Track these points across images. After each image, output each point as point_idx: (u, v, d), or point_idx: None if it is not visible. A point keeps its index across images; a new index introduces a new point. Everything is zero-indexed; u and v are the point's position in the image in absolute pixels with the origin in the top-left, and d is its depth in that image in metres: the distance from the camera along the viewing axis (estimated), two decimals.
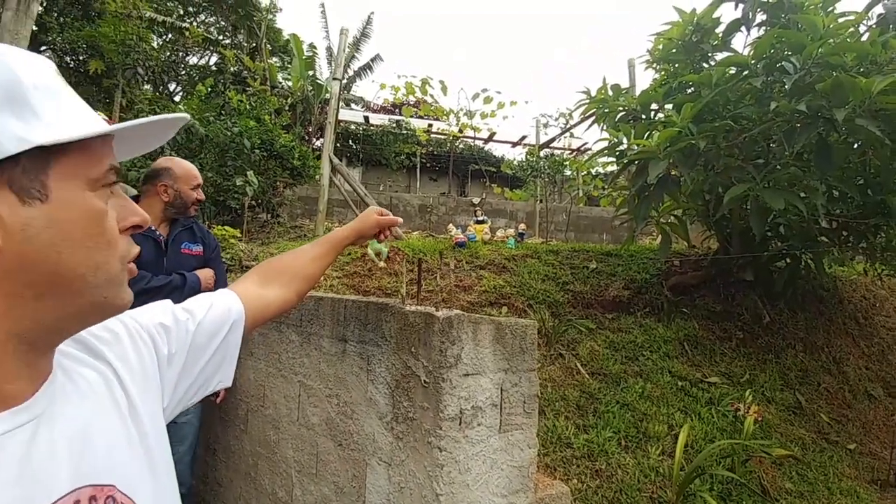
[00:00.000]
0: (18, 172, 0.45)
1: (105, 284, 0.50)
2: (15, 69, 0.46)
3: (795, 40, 2.93)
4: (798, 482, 2.80)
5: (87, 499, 0.49)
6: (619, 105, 3.98)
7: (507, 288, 3.97)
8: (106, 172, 0.50)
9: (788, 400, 3.38)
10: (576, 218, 10.29)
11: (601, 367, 3.35)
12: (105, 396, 0.57)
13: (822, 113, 2.72)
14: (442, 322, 1.42)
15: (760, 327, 3.87)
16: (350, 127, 13.67)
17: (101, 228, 0.49)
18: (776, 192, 2.86)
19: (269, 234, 5.85)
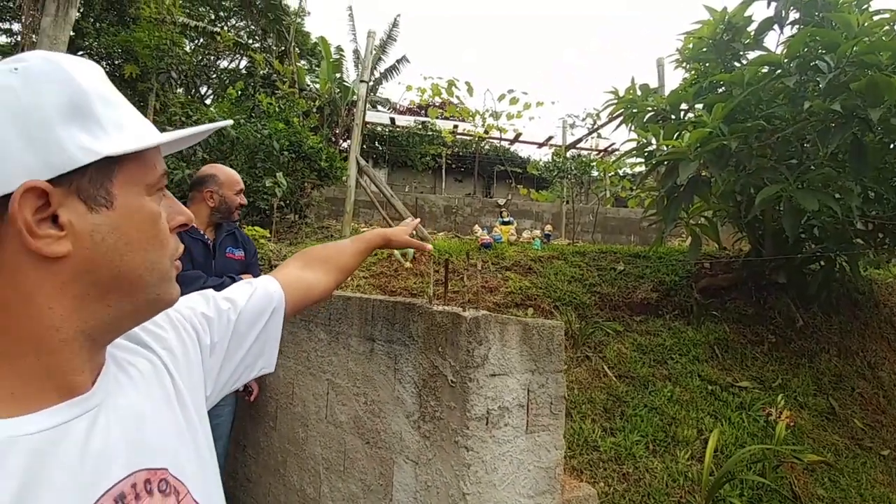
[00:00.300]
0: (86, 182, 0.47)
1: (158, 282, 0.53)
2: (78, 79, 0.48)
3: (829, 39, 2.86)
4: (830, 488, 2.73)
5: (143, 482, 0.51)
6: (648, 105, 3.93)
7: (534, 289, 3.96)
8: (160, 177, 0.54)
9: (821, 405, 3.29)
10: (603, 219, 10.17)
11: (629, 369, 3.32)
12: (154, 384, 0.60)
13: (856, 113, 2.65)
14: (469, 322, 1.43)
15: (793, 331, 3.77)
16: (376, 129, 13.79)
17: (157, 230, 0.53)
18: (810, 193, 2.79)
19: (297, 235, 5.96)
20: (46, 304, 0.47)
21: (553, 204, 10.92)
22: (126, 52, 10.46)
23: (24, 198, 0.44)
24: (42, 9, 7.53)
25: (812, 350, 3.70)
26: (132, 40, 9.87)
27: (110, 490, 0.48)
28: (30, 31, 8.89)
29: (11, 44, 12.73)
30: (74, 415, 0.48)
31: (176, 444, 0.58)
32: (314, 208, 7.07)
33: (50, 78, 0.47)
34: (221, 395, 0.76)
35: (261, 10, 11.50)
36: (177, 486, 0.55)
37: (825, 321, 3.94)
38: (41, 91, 0.46)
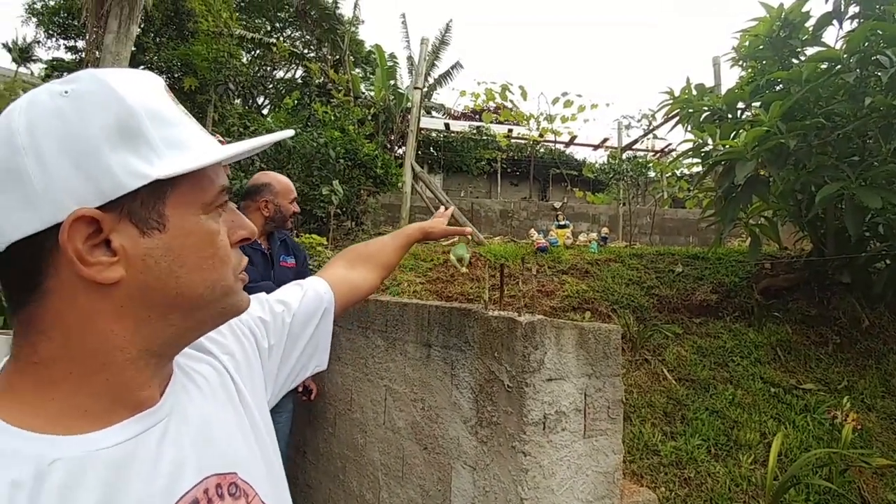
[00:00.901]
0: (137, 205, 0.47)
1: (221, 297, 0.53)
2: (127, 99, 0.46)
3: (891, 32, 2.75)
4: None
5: (214, 486, 0.53)
6: (704, 105, 3.88)
7: (591, 293, 3.99)
8: (217, 194, 0.53)
9: (890, 407, 3.15)
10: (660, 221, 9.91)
11: (689, 372, 3.30)
12: (219, 389, 0.62)
13: None
14: (525, 327, 1.48)
15: (859, 332, 3.62)
16: (431, 134, 13.90)
17: (215, 249, 0.52)
18: (872, 191, 2.69)
19: (354, 241, 6.16)
20: (108, 328, 0.47)
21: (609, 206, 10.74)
22: (185, 66, 10.76)
23: (73, 227, 0.44)
24: (105, 26, 7.97)
25: (879, 351, 3.53)
26: (191, 53, 10.19)
27: (185, 496, 0.50)
28: (93, 47, 9.26)
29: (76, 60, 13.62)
30: (146, 427, 0.50)
31: (243, 447, 0.60)
32: (370, 215, 7.17)
33: (98, 99, 0.46)
34: (280, 395, 0.79)
35: (315, 20, 11.74)
36: (246, 489, 0.56)
37: (892, 321, 3.76)
38: (89, 114, 0.45)
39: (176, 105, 0.52)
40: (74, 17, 12.20)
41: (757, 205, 3.90)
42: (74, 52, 14.05)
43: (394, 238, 1.21)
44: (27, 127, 0.44)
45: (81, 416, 0.47)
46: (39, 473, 0.42)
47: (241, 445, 0.60)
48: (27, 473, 0.42)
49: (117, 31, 7.80)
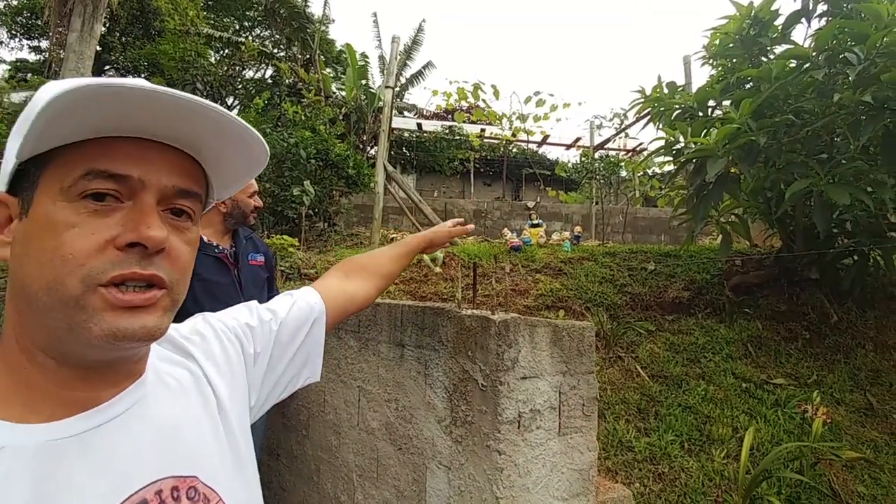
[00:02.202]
0: (24, 190, 0.47)
1: (61, 307, 0.44)
2: (36, 95, 0.45)
3: (859, 30, 2.80)
4: (871, 485, 2.68)
5: (170, 489, 0.50)
6: (675, 103, 3.91)
7: (564, 291, 3.99)
8: (77, 179, 0.45)
9: (859, 401, 3.22)
10: (633, 219, 10.06)
11: (661, 369, 3.32)
12: (193, 393, 0.59)
13: (888, 104, 2.59)
14: (498, 325, 1.46)
15: (828, 327, 3.70)
16: (403, 134, 13.87)
17: (57, 243, 0.44)
18: (841, 187, 2.74)
19: (327, 243, 6.04)
20: (12, 311, 0.47)
21: (582, 205, 10.88)
22: (152, 65, 10.59)
23: None
24: (68, 24, 7.78)
25: (847, 346, 3.62)
26: (157, 53, 10.00)
27: (132, 496, 0.48)
28: (57, 47, 9.10)
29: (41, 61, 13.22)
30: (92, 425, 0.48)
31: (212, 451, 0.57)
32: (343, 216, 7.12)
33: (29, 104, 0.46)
34: (267, 405, 0.76)
35: (285, 18, 11.64)
36: (207, 493, 0.54)
37: (860, 316, 3.85)
38: (19, 119, 0.46)
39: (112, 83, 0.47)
40: (38, 16, 11.84)
41: (728, 202, 3.96)
42: (38, 52, 13.71)
43: (394, 248, 1.17)
44: None
45: (23, 406, 0.46)
46: None
47: (212, 451, 0.57)
48: None
49: (80, 30, 7.64)
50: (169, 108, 0.45)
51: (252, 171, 0.57)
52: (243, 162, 0.55)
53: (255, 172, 0.58)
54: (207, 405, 0.60)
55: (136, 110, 0.45)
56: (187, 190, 0.50)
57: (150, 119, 0.46)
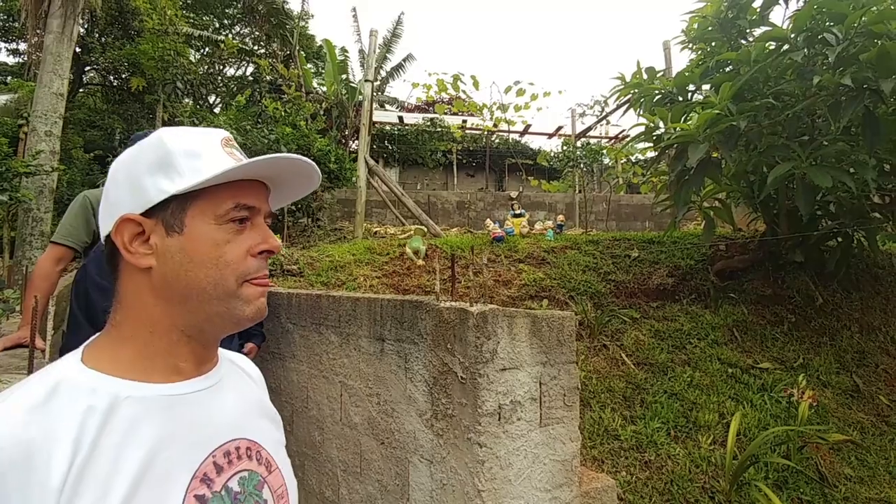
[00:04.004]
0: (168, 214, 0.63)
1: (223, 297, 0.63)
2: (167, 143, 0.64)
3: (836, 10, 2.78)
4: (858, 467, 2.69)
5: (245, 447, 0.66)
6: (655, 88, 3.88)
7: (548, 280, 3.94)
8: (230, 210, 0.64)
9: (845, 383, 3.24)
10: (616, 207, 10.08)
11: (647, 356, 3.30)
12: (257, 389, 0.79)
13: (867, 84, 2.58)
14: (476, 317, 1.43)
15: (813, 309, 3.72)
16: (385, 128, 13.71)
17: (219, 252, 0.63)
18: (823, 169, 2.73)
19: (310, 238, 5.98)
20: (150, 302, 0.63)
21: (566, 194, 10.87)
22: (132, 65, 10.60)
23: (120, 226, 0.63)
24: (45, 27, 7.65)
25: (833, 328, 3.63)
26: (137, 53, 9.93)
27: (221, 447, 0.63)
28: (35, 49, 8.97)
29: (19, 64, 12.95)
30: (197, 388, 0.65)
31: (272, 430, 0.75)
32: (326, 211, 7.09)
33: (149, 145, 0.65)
34: None
35: (263, 15, 11.54)
36: (270, 459, 0.69)
37: (845, 298, 3.87)
38: (142, 155, 0.64)
39: (225, 149, 0.67)
40: (15, 18, 11.60)
41: (710, 187, 3.94)
42: (17, 55, 13.45)
43: None
44: (115, 165, 0.67)
45: (144, 370, 0.62)
46: (113, 405, 0.57)
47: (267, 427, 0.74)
48: (103, 402, 0.57)
49: (60, 32, 7.54)
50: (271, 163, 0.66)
51: (306, 192, 0.76)
52: (303, 188, 0.74)
53: (308, 191, 0.76)
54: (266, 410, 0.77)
55: (259, 167, 0.65)
56: (272, 211, 0.71)
57: (263, 170, 0.67)
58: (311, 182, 0.73)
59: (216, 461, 0.62)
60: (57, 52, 7.47)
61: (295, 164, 0.68)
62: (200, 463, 0.60)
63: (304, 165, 0.69)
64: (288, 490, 0.71)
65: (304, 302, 2.33)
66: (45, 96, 7.43)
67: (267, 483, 0.67)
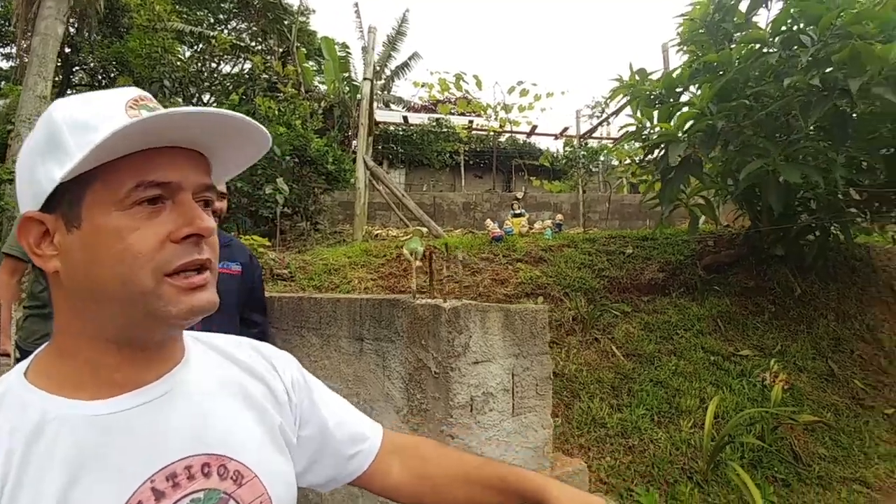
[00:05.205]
0: (66, 206, 0.53)
1: (138, 297, 0.52)
2: (55, 114, 0.53)
3: (812, 12, 2.87)
4: (832, 447, 2.83)
5: (200, 464, 0.56)
6: (646, 89, 3.98)
7: (544, 278, 4.06)
8: (131, 191, 0.51)
9: (820, 368, 3.37)
10: (619, 206, 10.13)
11: (636, 348, 3.42)
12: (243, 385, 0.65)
13: (837, 84, 2.67)
14: (448, 312, 1.53)
15: (792, 300, 3.85)
16: (388, 128, 13.59)
17: (124, 244, 0.51)
18: (793, 166, 2.85)
19: (307, 242, 5.89)
20: (67, 309, 0.55)
21: (571, 194, 10.93)
22: (121, 64, 10.15)
23: (23, 226, 0.54)
24: (32, 29, 7.57)
25: (810, 316, 3.76)
26: (124, 51, 9.62)
27: (163, 469, 0.53)
28: (25, 53, 8.72)
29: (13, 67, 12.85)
30: (137, 403, 0.55)
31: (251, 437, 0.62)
32: (326, 213, 6.92)
33: (40, 122, 0.55)
34: None
35: (259, 9, 11.13)
36: (240, 470, 0.58)
37: (822, 288, 4.00)
38: (33, 138, 0.55)
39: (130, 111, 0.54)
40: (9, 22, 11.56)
41: (697, 185, 4.06)
42: (10, 59, 13.38)
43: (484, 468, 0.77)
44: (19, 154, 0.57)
45: (76, 386, 0.53)
46: (40, 425, 0.51)
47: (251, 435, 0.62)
48: (30, 423, 0.50)
49: (45, 34, 7.36)
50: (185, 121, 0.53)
51: (253, 159, 0.64)
52: (248, 153, 0.62)
53: (256, 159, 0.64)
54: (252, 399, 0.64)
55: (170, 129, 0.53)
56: (208, 184, 0.58)
57: (179, 132, 0.54)
58: (256, 144, 0.60)
59: (155, 486, 0.53)
60: (42, 53, 7.31)
61: (224, 122, 0.55)
62: (134, 491, 0.51)
63: (239, 122, 0.55)
64: (272, 496, 0.60)
65: (285, 305, 2.29)
66: (29, 100, 7.14)
67: (234, 498, 0.57)
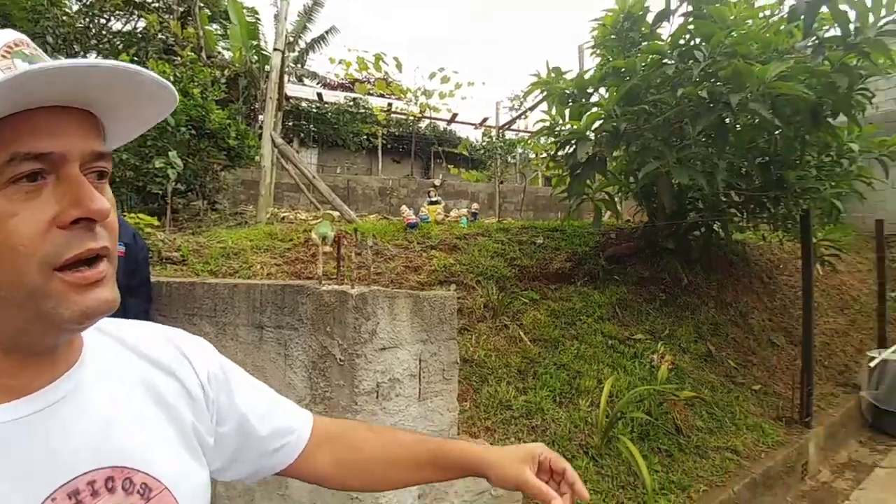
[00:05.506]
0: None
1: (26, 298, 0.44)
2: None
3: (706, 30, 3.13)
4: (708, 420, 3.17)
5: (104, 479, 0.49)
6: (560, 88, 4.13)
7: (457, 266, 4.10)
8: (4, 165, 0.42)
9: (701, 349, 3.76)
10: (534, 197, 10.49)
11: (542, 333, 3.58)
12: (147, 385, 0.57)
13: (721, 98, 2.95)
14: (356, 299, 1.52)
15: (680, 289, 4.27)
16: (301, 104, 12.87)
17: (3, 234, 0.42)
18: (683, 169, 3.12)
19: (203, 223, 5.47)
20: None
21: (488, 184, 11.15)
22: (3, 17, 8.92)
23: None
24: None
25: (694, 304, 4.19)
26: (7, 3, 8.57)
27: (64, 485, 0.47)
28: None
29: None
30: (26, 412, 0.47)
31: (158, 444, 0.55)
32: (227, 192, 6.45)
33: None
34: None
35: None
36: (147, 482, 0.52)
37: (705, 279, 4.48)
38: None
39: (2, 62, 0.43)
40: None
41: (602, 181, 4.31)
42: None
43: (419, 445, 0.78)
44: None
45: None
46: None
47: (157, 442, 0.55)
48: None
49: None
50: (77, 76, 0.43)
51: (155, 119, 0.54)
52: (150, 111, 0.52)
53: (159, 119, 0.54)
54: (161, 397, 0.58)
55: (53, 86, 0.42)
56: (102, 152, 0.48)
57: (64, 90, 0.43)
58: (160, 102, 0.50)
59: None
60: None
61: (125, 78, 0.45)
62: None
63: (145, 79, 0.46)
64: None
65: (175, 291, 2.17)
66: None
67: None
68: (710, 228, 4.19)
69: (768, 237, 5.15)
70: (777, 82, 2.79)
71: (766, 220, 4.46)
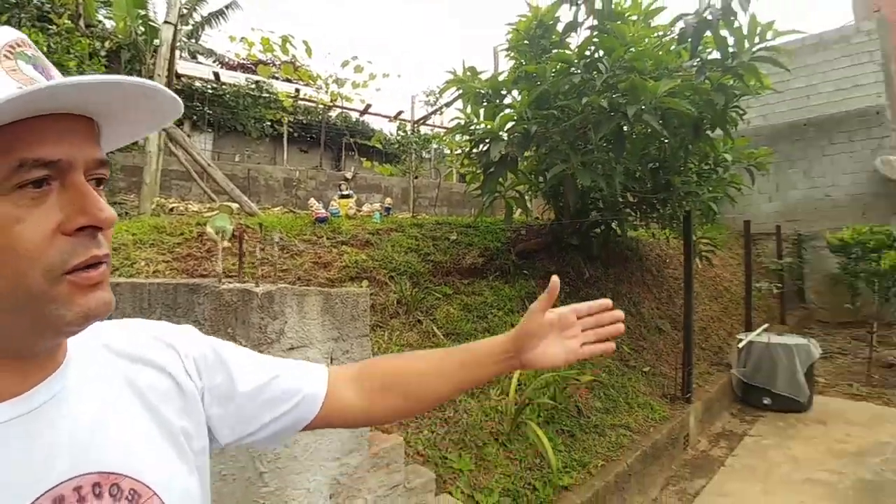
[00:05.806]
0: None
1: (30, 302, 0.44)
2: None
3: (608, 44, 3.36)
4: (605, 401, 3.43)
5: (91, 485, 0.49)
6: (475, 87, 4.21)
7: (370, 262, 4.05)
8: (12, 172, 0.42)
9: None
10: (448, 193, 10.62)
11: (455, 327, 3.65)
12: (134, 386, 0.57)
13: (619, 108, 3.19)
14: (261, 297, 1.44)
15: (582, 282, 4.56)
16: (194, 84, 11.75)
17: (8, 240, 0.43)
18: (587, 172, 3.33)
19: None
20: None
21: (402, 179, 11.10)
22: None
23: None
24: None
25: (594, 296, 4.42)
26: None
27: (49, 491, 0.46)
28: None
29: None
30: (8, 417, 0.47)
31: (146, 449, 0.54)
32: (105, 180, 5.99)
33: None
34: None
35: None
36: (136, 488, 0.52)
37: (604, 273, 4.83)
38: None
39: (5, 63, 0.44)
40: None
41: (514, 180, 4.48)
42: None
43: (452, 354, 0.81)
44: None
45: None
46: None
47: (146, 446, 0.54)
48: None
49: None
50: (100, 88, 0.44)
51: (156, 128, 0.56)
52: (149, 119, 0.53)
53: (158, 128, 0.56)
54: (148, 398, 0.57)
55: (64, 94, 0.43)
56: (103, 159, 0.49)
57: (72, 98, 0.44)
58: (163, 113, 0.51)
59: None
60: None
61: (145, 93, 0.47)
62: None
63: (157, 93, 0.48)
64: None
65: None
66: None
67: None
68: (608, 226, 4.52)
69: (658, 235, 5.72)
70: (666, 97, 3.07)
71: (655, 220, 4.91)
